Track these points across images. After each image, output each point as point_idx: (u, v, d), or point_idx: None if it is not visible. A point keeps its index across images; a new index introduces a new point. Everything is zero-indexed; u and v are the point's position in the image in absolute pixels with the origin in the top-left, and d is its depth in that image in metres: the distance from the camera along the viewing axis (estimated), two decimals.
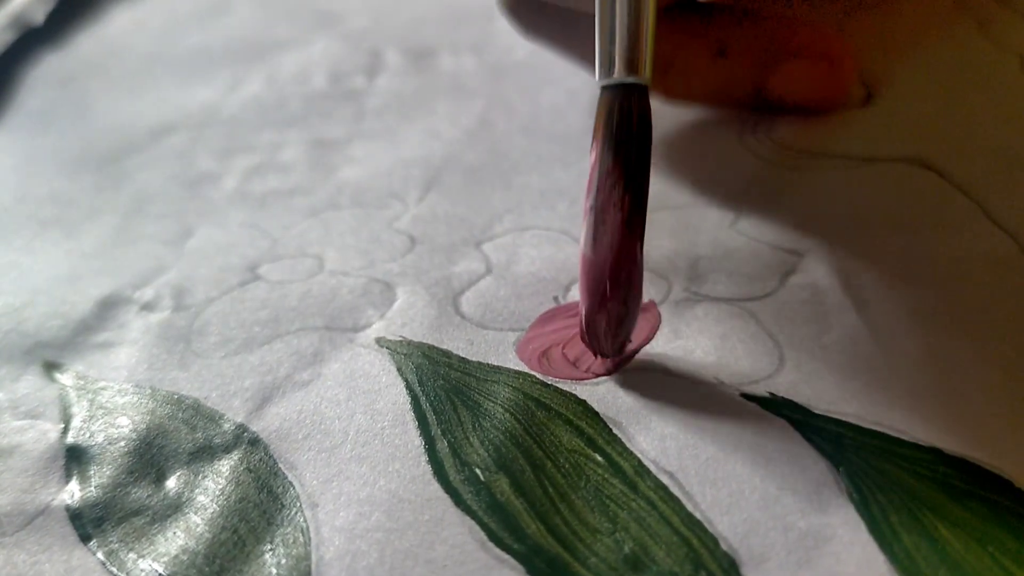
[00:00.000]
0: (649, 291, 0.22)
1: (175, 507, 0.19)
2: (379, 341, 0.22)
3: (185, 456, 0.20)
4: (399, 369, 0.21)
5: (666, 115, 0.28)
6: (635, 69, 0.20)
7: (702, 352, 0.20)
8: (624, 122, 0.20)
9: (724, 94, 0.27)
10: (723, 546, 0.16)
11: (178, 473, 0.19)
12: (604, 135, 0.20)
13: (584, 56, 0.27)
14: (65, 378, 0.22)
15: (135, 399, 0.21)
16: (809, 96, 0.27)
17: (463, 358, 0.21)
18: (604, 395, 0.20)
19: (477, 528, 0.17)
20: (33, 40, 0.41)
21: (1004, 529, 0.16)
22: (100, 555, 0.18)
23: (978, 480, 0.17)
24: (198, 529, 0.18)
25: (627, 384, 0.20)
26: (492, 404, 0.20)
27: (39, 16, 0.42)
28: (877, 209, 0.24)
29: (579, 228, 0.24)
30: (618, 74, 0.20)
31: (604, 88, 0.20)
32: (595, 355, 0.20)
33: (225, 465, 0.19)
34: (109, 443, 0.20)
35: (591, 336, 0.20)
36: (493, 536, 0.17)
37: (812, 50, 0.27)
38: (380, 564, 0.17)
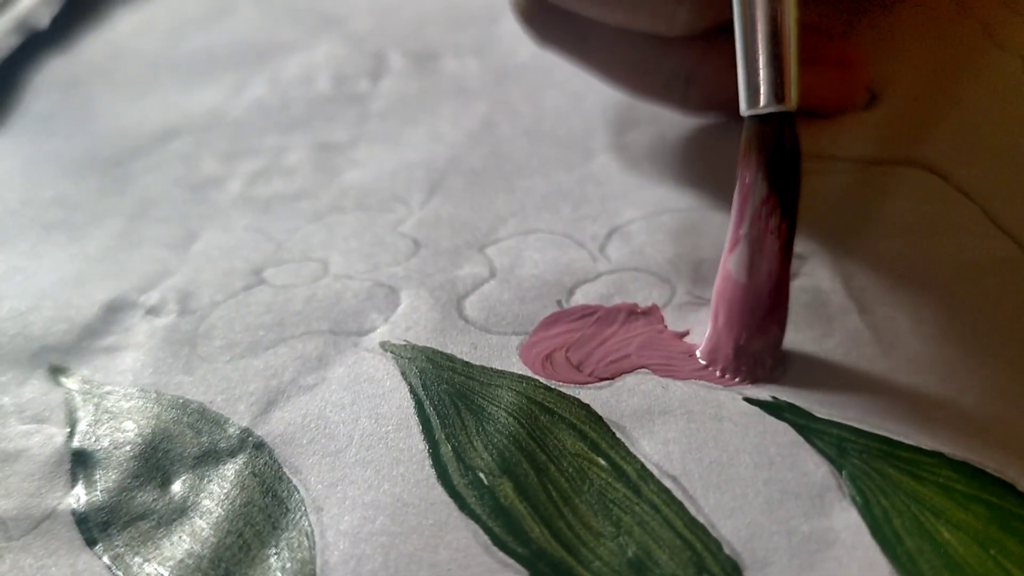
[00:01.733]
0: (652, 294, 0.22)
1: (180, 511, 0.19)
2: (383, 345, 0.22)
3: (190, 460, 0.20)
4: (403, 373, 0.21)
5: (668, 118, 0.28)
6: (782, 98, 0.19)
7: None
8: (778, 151, 0.20)
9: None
10: (726, 550, 0.16)
11: (183, 477, 0.19)
12: (758, 163, 0.20)
13: (601, 66, 0.27)
14: (71, 382, 0.22)
15: (140, 403, 0.21)
16: (824, 101, 0.27)
17: (467, 362, 0.21)
18: (607, 399, 0.20)
19: (481, 532, 0.17)
20: (38, 44, 0.41)
21: (1007, 533, 0.16)
22: (106, 559, 0.18)
23: (981, 484, 0.17)
24: (203, 533, 0.18)
25: (630, 388, 0.20)
26: (496, 408, 0.20)
27: (44, 20, 0.42)
28: (880, 212, 0.24)
29: (582, 232, 0.25)
30: (765, 103, 0.20)
31: (751, 118, 0.20)
32: (732, 377, 0.20)
33: (230, 469, 0.19)
34: (115, 447, 0.20)
35: (744, 361, 0.20)
36: (497, 540, 0.17)
37: (826, 56, 0.27)
38: (384, 568, 0.17)
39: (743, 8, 0.20)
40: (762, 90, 0.19)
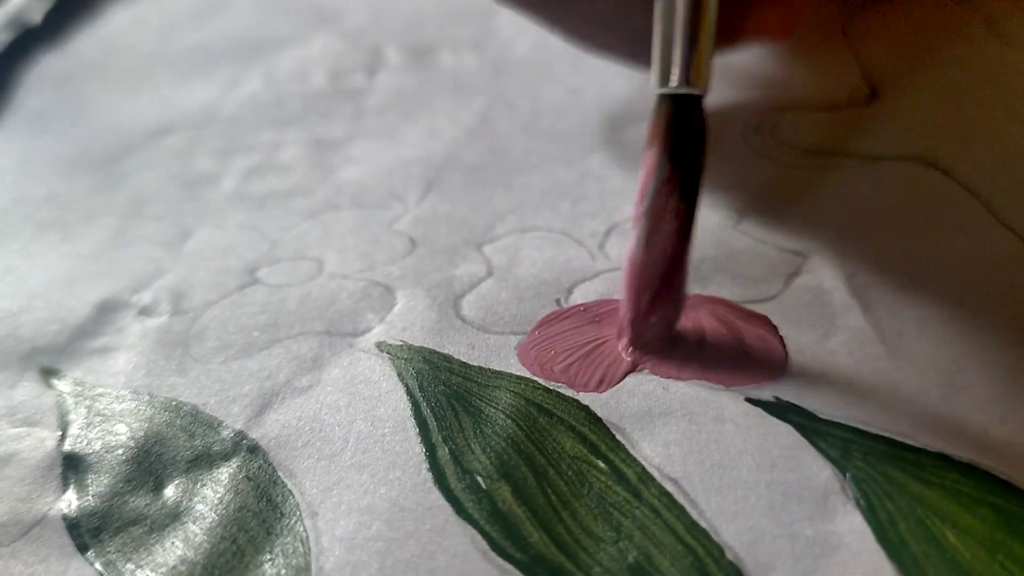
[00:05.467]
0: None
1: (173, 516, 0.18)
2: (379, 346, 0.22)
3: (183, 464, 0.19)
4: (399, 374, 0.21)
5: None
6: (693, 80, 0.20)
7: None
8: (683, 133, 0.20)
9: None
10: (729, 555, 0.16)
11: (176, 481, 0.19)
12: (662, 144, 0.20)
13: (566, 24, 0.27)
14: (62, 384, 0.22)
15: (133, 406, 0.21)
16: (768, 33, 0.27)
17: (464, 363, 0.21)
18: (607, 400, 0.19)
19: (479, 537, 0.17)
20: (31, 40, 0.40)
21: (1014, 537, 0.16)
22: (98, 565, 0.18)
23: (988, 487, 0.17)
24: (197, 539, 0.18)
25: (630, 389, 0.19)
26: (494, 410, 0.19)
27: (37, 16, 0.41)
28: (883, 209, 0.23)
29: (580, 229, 0.25)
30: (676, 84, 0.20)
31: (661, 96, 0.20)
32: (629, 351, 0.21)
33: (224, 473, 0.19)
34: (107, 451, 0.20)
35: (638, 335, 0.20)
36: (495, 545, 0.17)
37: None
38: (381, 574, 0.17)
39: None
40: (674, 70, 0.20)
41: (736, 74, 0.30)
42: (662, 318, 0.20)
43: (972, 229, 0.22)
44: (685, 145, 0.20)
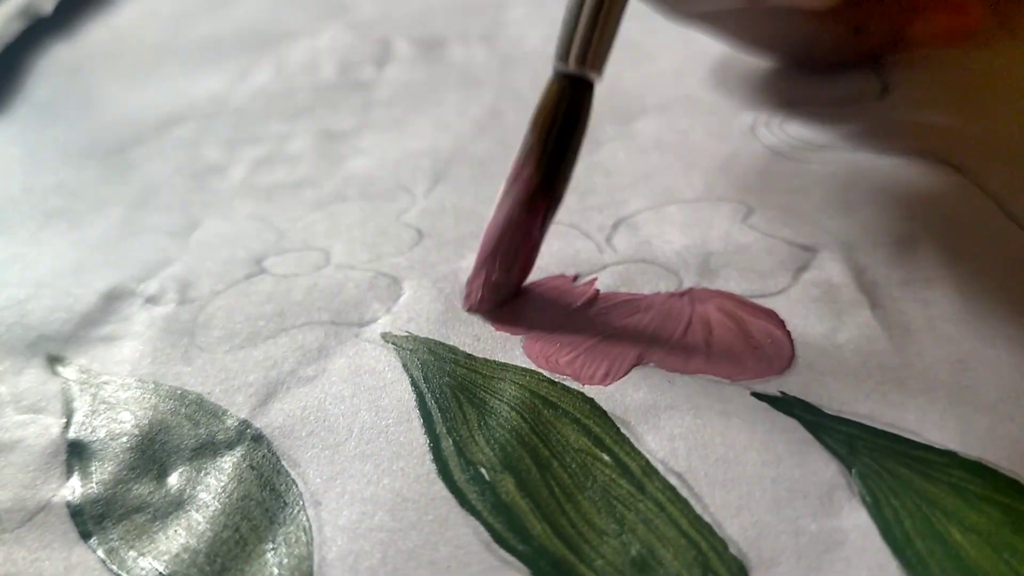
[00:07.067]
0: (659, 286, 0.22)
1: (177, 504, 0.18)
2: (385, 336, 0.22)
3: (187, 452, 0.19)
4: (404, 365, 0.21)
5: (678, 110, 0.28)
6: (588, 63, 0.20)
7: None
8: (556, 111, 0.21)
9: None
10: (732, 550, 0.16)
11: (180, 470, 0.19)
12: (542, 115, 0.21)
13: (756, 42, 0.29)
14: (68, 372, 0.22)
15: (138, 394, 0.21)
16: (942, 38, 0.28)
17: (469, 354, 0.21)
18: (612, 393, 0.19)
19: (482, 529, 0.17)
20: (41, 30, 0.40)
21: (1020, 535, 0.16)
22: (100, 553, 0.18)
23: (994, 484, 0.16)
24: (199, 527, 0.18)
25: (635, 382, 0.19)
26: (498, 402, 0.19)
27: (48, 5, 0.41)
28: (892, 204, 0.23)
29: (588, 222, 0.24)
30: (573, 65, 0.20)
31: (556, 72, 0.21)
32: (465, 303, 0.22)
33: (228, 462, 0.19)
34: (111, 439, 0.20)
35: (468, 287, 0.22)
36: (498, 537, 0.17)
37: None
38: (383, 565, 0.16)
39: None
40: (573, 51, 0.20)
41: (747, 70, 0.30)
42: (489, 279, 0.21)
43: (983, 226, 0.22)
44: (559, 124, 0.21)
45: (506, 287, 0.22)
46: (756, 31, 0.28)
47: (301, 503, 0.18)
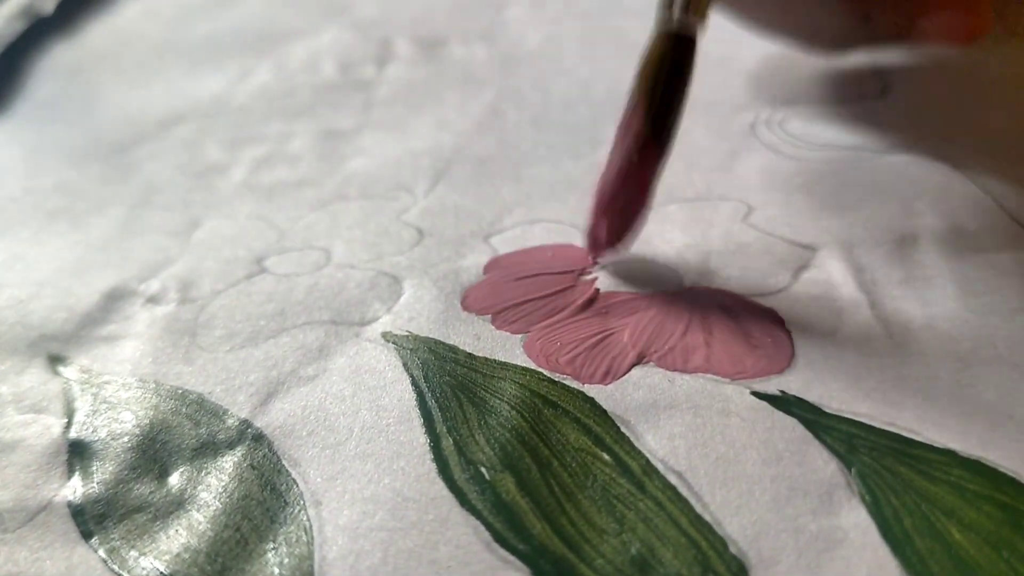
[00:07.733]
0: (660, 285, 0.22)
1: (178, 504, 0.18)
2: (385, 336, 0.22)
3: (188, 452, 0.19)
4: (405, 364, 0.21)
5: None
6: (692, 7, 0.21)
7: None
8: (660, 68, 0.21)
9: None
10: (732, 549, 0.16)
11: (181, 469, 0.19)
12: (640, 71, 0.21)
13: (771, 26, 0.29)
14: (69, 372, 0.22)
15: (139, 393, 0.21)
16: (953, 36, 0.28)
17: (470, 354, 0.21)
18: (612, 392, 0.19)
19: (482, 528, 0.17)
20: (43, 29, 0.40)
21: (1019, 533, 0.16)
22: (101, 552, 0.18)
23: (994, 483, 0.16)
24: (200, 527, 0.18)
25: (635, 381, 0.19)
26: (498, 401, 0.19)
27: (49, 5, 0.41)
28: (892, 203, 0.23)
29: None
30: (676, 12, 0.21)
31: (659, 30, 0.21)
32: (591, 253, 0.23)
33: (228, 461, 0.19)
34: (112, 438, 0.20)
35: (591, 237, 0.23)
36: (498, 536, 0.17)
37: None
38: (383, 564, 0.16)
39: None
40: (675, 10, 0.21)
41: (747, 68, 0.30)
42: (612, 231, 0.22)
43: (982, 225, 0.22)
44: (664, 79, 0.21)
45: (625, 231, 0.22)
46: (765, 10, 0.28)
47: (302, 503, 0.18)
